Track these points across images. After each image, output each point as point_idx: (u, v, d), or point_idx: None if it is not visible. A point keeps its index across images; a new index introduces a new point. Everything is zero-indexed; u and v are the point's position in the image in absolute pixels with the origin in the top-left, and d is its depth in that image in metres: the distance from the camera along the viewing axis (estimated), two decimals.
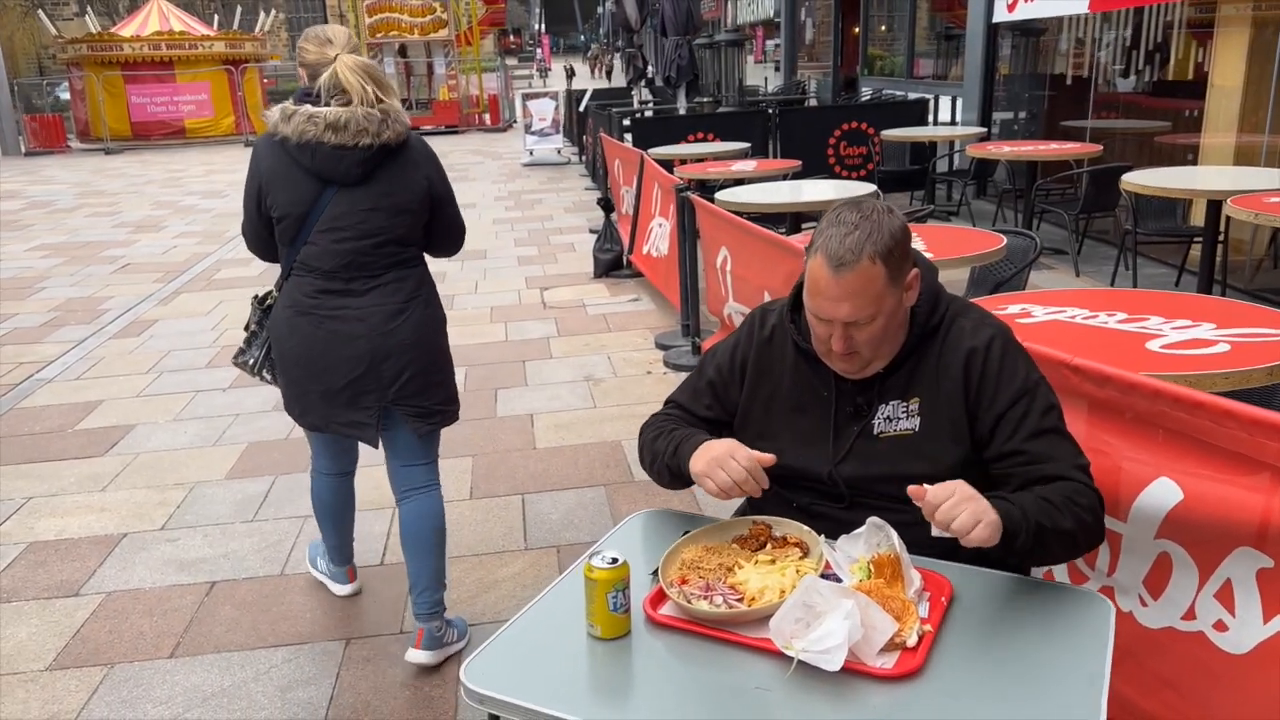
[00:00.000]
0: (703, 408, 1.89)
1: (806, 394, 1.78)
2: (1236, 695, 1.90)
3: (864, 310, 1.60)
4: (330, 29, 2.53)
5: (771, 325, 1.85)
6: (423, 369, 2.64)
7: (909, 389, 1.71)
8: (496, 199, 12.15)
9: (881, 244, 1.59)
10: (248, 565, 3.35)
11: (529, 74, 48.53)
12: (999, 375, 1.67)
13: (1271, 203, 4.32)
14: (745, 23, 21.35)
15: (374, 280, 2.52)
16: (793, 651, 1.35)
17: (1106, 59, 8.11)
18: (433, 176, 2.61)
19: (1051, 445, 1.63)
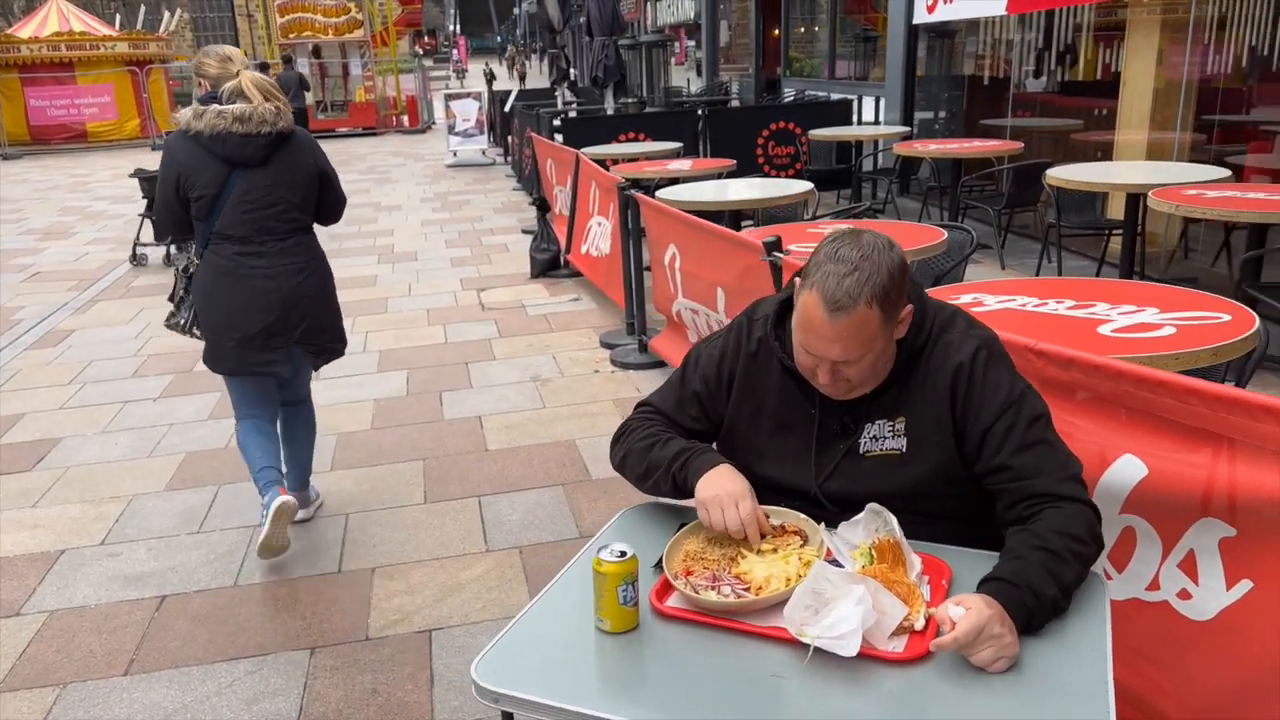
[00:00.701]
0: (689, 419, 1.85)
1: (792, 412, 1.76)
2: (1202, 660, 1.99)
3: (855, 351, 1.59)
4: (228, 48, 3.26)
5: (757, 339, 1.81)
6: (320, 315, 3.31)
7: (896, 408, 1.70)
8: (423, 200, 11.99)
9: (879, 286, 1.56)
10: (198, 577, 3.24)
11: (445, 75, 48.00)
12: (983, 389, 1.65)
13: (1190, 195, 4.52)
14: (665, 24, 21.45)
15: (280, 243, 3.17)
16: (808, 638, 1.36)
17: (1024, 59, 8.39)
18: (318, 157, 3.33)
19: (1040, 458, 1.61)
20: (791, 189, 5.35)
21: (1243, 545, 1.89)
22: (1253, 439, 1.82)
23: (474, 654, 2.68)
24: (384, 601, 3.04)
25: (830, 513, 1.70)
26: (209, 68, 3.16)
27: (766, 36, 15.28)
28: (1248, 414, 1.82)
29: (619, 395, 4.77)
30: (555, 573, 3.08)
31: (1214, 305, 2.75)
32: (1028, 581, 1.44)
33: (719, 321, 3.91)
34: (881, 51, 10.53)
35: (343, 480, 3.96)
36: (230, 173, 3.07)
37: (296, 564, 3.31)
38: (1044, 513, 1.55)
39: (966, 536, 1.68)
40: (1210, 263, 6.23)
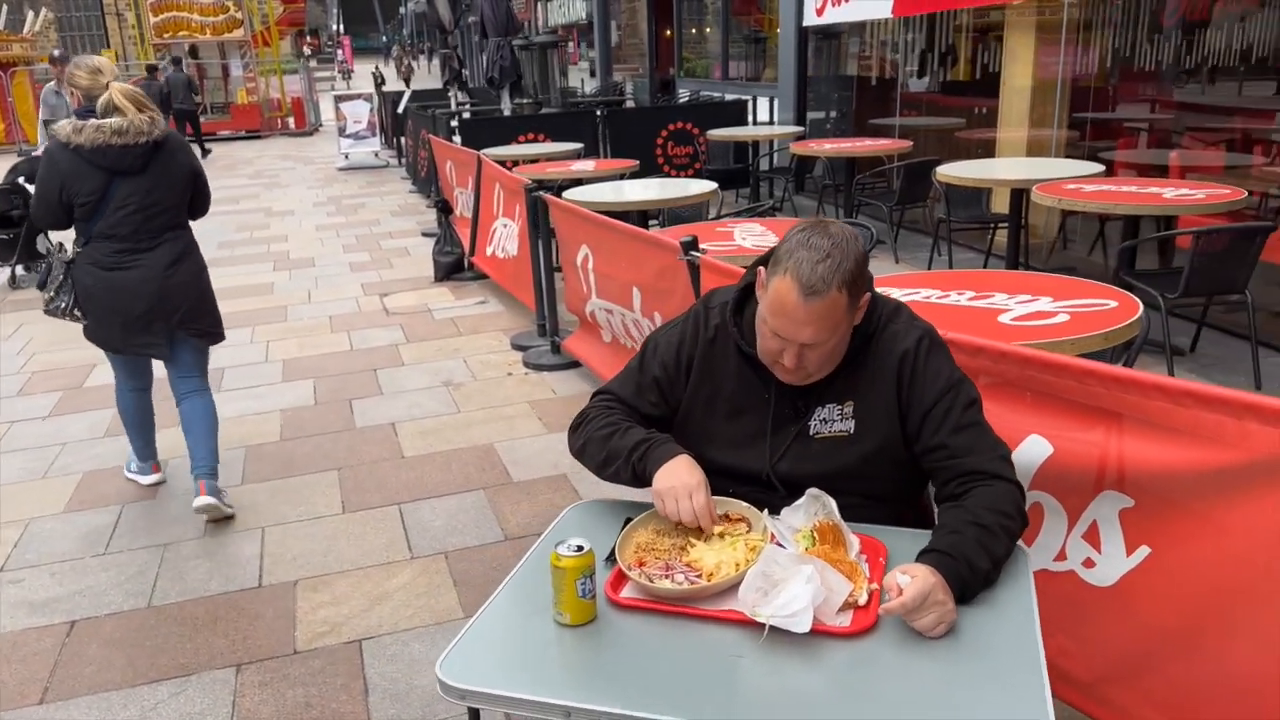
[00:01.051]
0: (648, 404, 1.90)
1: (748, 396, 1.83)
2: (1106, 624, 2.14)
3: (823, 335, 1.67)
4: (97, 60, 3.44)
5: (715, 326, 1.87)
6: (195, 302, 3.64)
7: (845, 393, 1.79)
8: (315, 205, 11.71)
9: (849, 273, 1.65)
10: (109, 600, 3.13)
11: (331, 75, 46.84)
12: (926, 375, 1.76)
13: (1070, 189, 4.80)
14: (557, 25, 21.44)
15: (156, 240, 3.49)
16: (762, 618, 1.43)
17: (910, 61, 8.72)
18: (190, 160, 3.61)
19: (973, 439, 1.73)
20: (696, 189, 5.45)
21: (1140, 514, 2.05)
22: (1146, 415, 1.97)
23: (407, 662, 2.70)
24: (310, 614, 2.99)
25: (779, 495, 1.78)
26: (80, 79, 3.36)
27: (659, 37, 15.44)
28: (1141, 392, 1.97)
29: (534, 397, 4.78)
30: (483, 577, 3.12)
31: (1101, 293, 2.94)
32: (963, 554, 1.54)
33: (635, 321, 3.97)
34: (773, 52, 10.78)
35: (256, 493, 3.87)
36: (111, 181, 3.36)
37: (213, 581, 3.22)
38: (975, 489, 1.67)
39: (899, 517, 1.79)
40: (1087, 253, 6.61)
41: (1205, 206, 4.44)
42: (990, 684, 1.35)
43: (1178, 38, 5.98)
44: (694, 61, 14.10)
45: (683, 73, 14.21)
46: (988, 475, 1.69)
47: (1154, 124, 6.41)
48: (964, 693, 1.34)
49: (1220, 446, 1.86)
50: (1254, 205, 5.40)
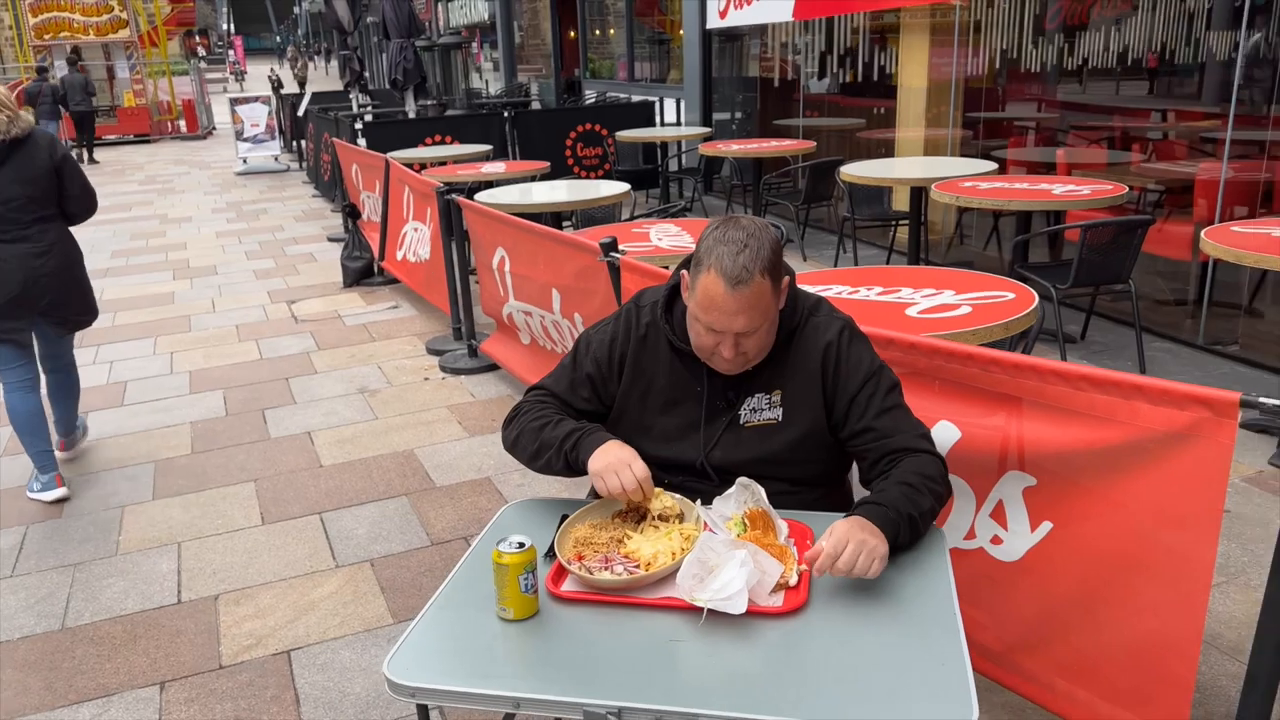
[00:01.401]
0: (581, 400, 1.96)
1: (680, 390, 1.90)
2: (1014, 596, 2.28)
3: (756, 321, 1.75)
4: None
5: (646, 324, 1.94)
6: (62, 291, 3.77)
7: (772, 383, 1.87)
8: (215, 211, 11.38)
9: (767, 259, 1.73)
10: (20, 623, 3.02)
11: (223, 77, 45.43)
12: (849, 363, 1.85)
13: (966, 187, 5.02)
14: (460, 25, 21.24)
15: (22, 231, 3.62)
16: (700, 602, 1.49)
17: (811, 63, 8.94)
18: (53, 155, 3.69)
19: (896, 420, 1.83)
20: (607, 190, 5.51)
21: (1043, 492, 2.18)
22: (1046, 399, 2.10)
23: (338, 670, 2.69)
24: (234, 628, 2.95)
25: (713, 484, 1.85)
26: None
27: (563, 38, 15.45)
28: (1041, 377, 2.10)
29: (453, 401, 4.77)
30: (411, 583, 3.13)
31: (999, 285, 3.10)
32: (889, 501, 1.68)
33: (554, 322, 4.01)
34: (678, 54, 10.92)
35: (169, 509, 3.78)
36: None
37: (129, 599, 3.14)
38: (901, 461, 1.79)
39: (824, 502, 1.88)
40: (983, 247, 6.90)
41: (1091, 202, 4.70)
42: (915, 654, 1.44)
43: (1060, 40, 6.29)
44: (599, 63, 14.17)
45: (588, 74, 14.26)
46: (911, 450, 1.80)
47: (1041, 123, 6.73)
48: (891, 662, 1.42)
49: (1113, 425, 2.00)
50: (1134, 200, 5.74)
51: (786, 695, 1.36)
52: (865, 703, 1.34)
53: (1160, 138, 5.91)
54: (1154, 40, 5.61)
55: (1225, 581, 2.95)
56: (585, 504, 1.84)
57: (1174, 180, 5.69)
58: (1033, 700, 2.30)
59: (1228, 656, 2.59)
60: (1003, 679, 2.34)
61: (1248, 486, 3.51)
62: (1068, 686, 2.21)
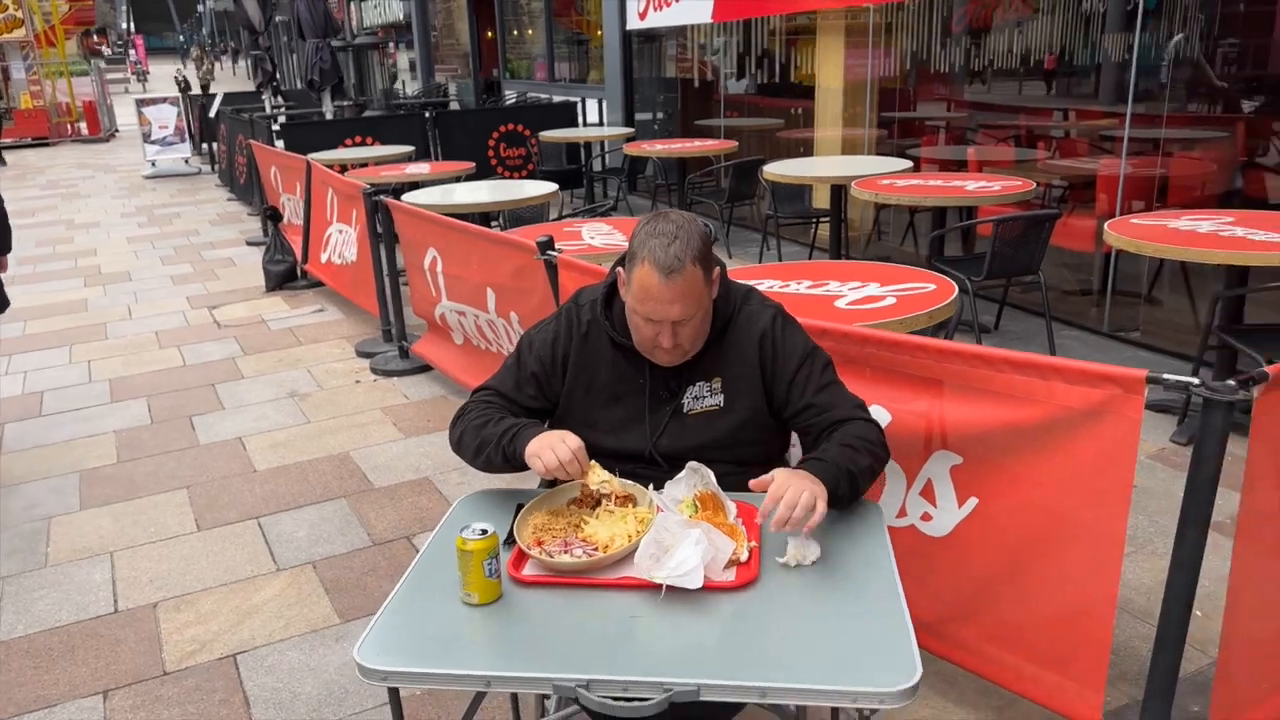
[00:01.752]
0: (527, 398, 2.01)
1: (624, 383, 1.98)
2: (944, 569, 2.41)
3: (691, 309, 1.83)
4: None
5: (587, 321, 2.01)
6: None
7: (712, 371, 1.96)
8: (124, 216, 11.04)
9: (697, 248, 1.83)
10: None
11: (124, 77, 43.89)
12: (785, 347, 1.96)
13: (884, 185, 5.21)
14: (375, 25, 20.94)
15: None
16: (659, 579, 1.56)
17: (731, 64, 9.11)
18: None
19: (833, 395, 1.94)
20: (532, 190, 5.55)
21: (968, 470, 2.32)
22: (970, 382, 2.24)
23: (287, 671, 2.70)
24: (175, 634, 2.92)
25: (662, 470, 1.93)
26: None
27: (481, 38, 15.38)
28: (964, 361, 2.24)
29: (386, 403, 4.76)
30: (355, 583, 3.14)
31: (920, 277, 3.25)
32: (829, 456, 1.79)
33: (489, 321, 4.04)
34: (597, 55, 10.99)
35: (99, 519, 3.70)
36: None
37: (63, 611, 3.08)
38: (839, 429, 1.90)
39: None
40: (900, 242, 7.14)
41: (1001, 197, 4.92)
42: (861, 621, 1.54)
43: (966, 42, 6.55)
44: (517, 63, 14.15)
45: (507, 74, 14.22)
46: (850, 419, 1.92)
47: (952, 122, 7.00)
48: (839, 630, 1.52)
49: (1032, 405, 2.14)
50: (1041, 195, 6.01)
51: (742, 662, 1.44)
52: (816, 668, 1.43)
53: (1064, 136, 6.21)
54: (1054, 43, 5.89)
55: (1134, 551, 3.14)
56: (539, 493, 1.90)
57: (1078, 176, 5.98)
58: (965, 667, 2.43)
59: (1138, 620, 2.77)
60: (936, 649, 2.47)
61: (1152, 463, 3.73)
62: (996, 652, 2.35)
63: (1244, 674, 2.08)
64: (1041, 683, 2.25)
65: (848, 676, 1.41)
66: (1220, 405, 1.84)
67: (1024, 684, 2.29)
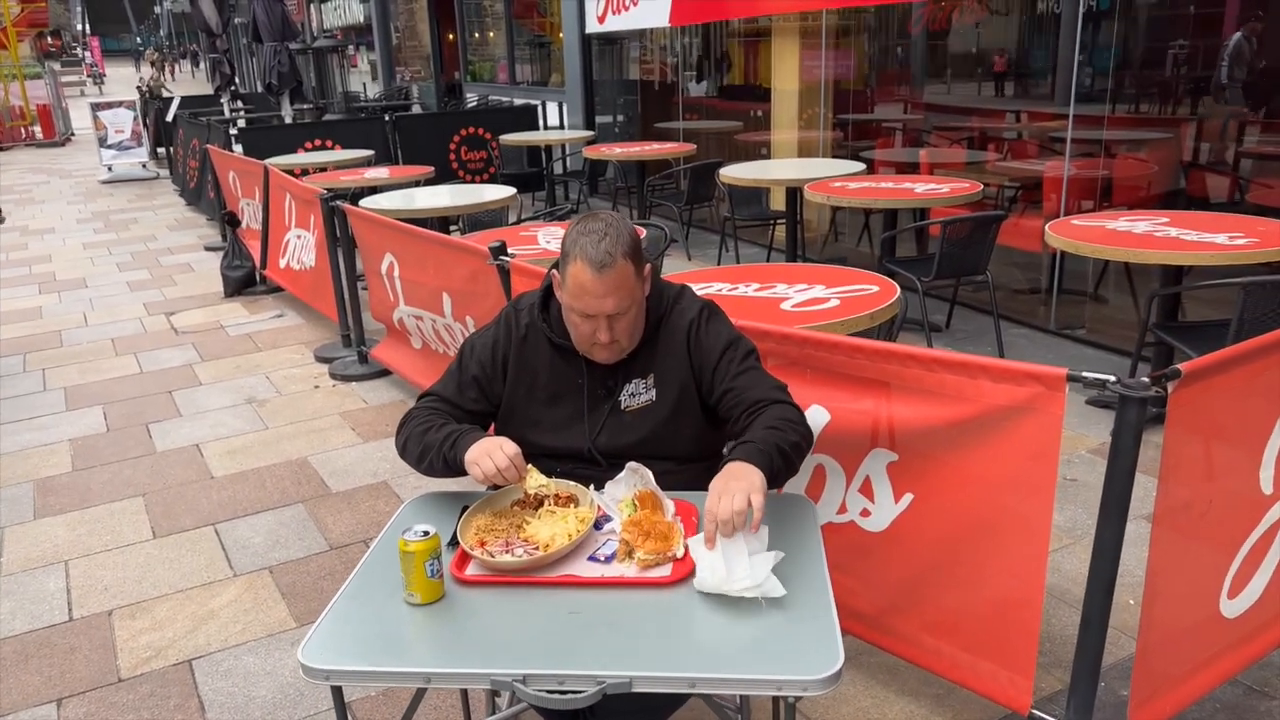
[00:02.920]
0: (470, 401, 2.07)
1: (563, 383, 2.04)
2: (882, 563, 2.49)
3: (624, 302, 1.90)
4: None
5: (525, 325, 2.07)
6: None
7: (647, 368, 2.04)
8: (80, 221, 10.92)
9: (626, 244, 1.90)
10: None
11: (80, 80, 43.22)
12: (709, 337, 2.04)
13: (837, 187, 5.30)
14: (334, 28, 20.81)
15: None
16: (741, 593, 1.61)
17: (689, 67, 9.18)
18: None
19: (753, 380, 2.00)
20: (492, 194, 5.59)
21: (904, 466, 2.39)
22: (904, 381, 2.32)
23: (242, 675, 2.74)
24: (130, 641, 2.93)
25: (601, 468, 1.99)
26: None
27: (442, 41, 15.35)
28: (899, 362, 2.31)
29: (345, 408, 4.77)
30: (312, 588, 3.17)
31: (864, 279, 3.34)
32: (756, 437, 1.83)
33: (446, 326, 4.07)
34: (558, 57, 11.03)
35: (53, 527, 3.69)
36: None
37: (16, 620, 3.08)
38: (760, 413, 1.94)
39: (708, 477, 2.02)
40: (856, 243, 7.25)
41: (950, 199, 5.03)
42: (789, 613, 1.60)
43: (922, 45, 6.68)
44: (479, 65, 14.15)
45: (469, 77, 14.22)
46: (768, 401, 1.96)
47: (906, 125, 7.12)
48: (769, 623, 1.58)
49: (962, 403, 2.22)
50: (992, 196, 6.15)
51: (674, 654, 1.51)
52: (744, 658, 1.49)
53: (1014, 138, 6.34)
54: (1007, 45, 6.02)
55: (1073, 543, 3.25)
56: (483, 495, 1.95)
57: (1025, 177, 6.12)
58: (904, 658, 2.51)
59: (1074, 609, 2.87)
60: (877, 640, 2.55)
61: (1093, 457, 3.85)
62: (934, 642, 2.43)
63: (1162, 656, 2.18)
64: (976, 670, 2.34)
65: (774, 666, 1.47)
66: (1134, 401, 1.93)
67: (960, 672, 2.37)
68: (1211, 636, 2.30)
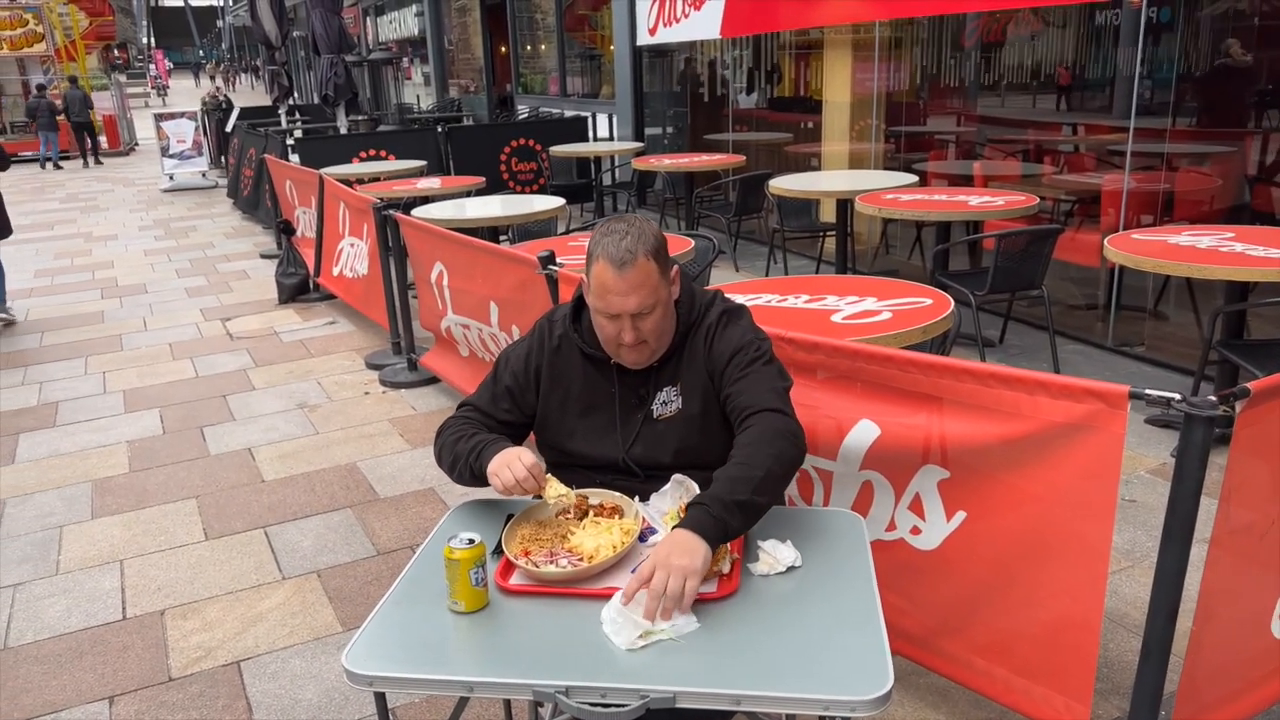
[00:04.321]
0: (502, 411, 2.07)
1: (595, 393, 2.04)
2: (933, 583, 2.43)
3: (647, 300, 1.89)
4: None
5: (558, 335, 2.08)
6: None
7: (675, 376, 2.02)
8: (141, 229, 11.19)
9: (649, 244, 1.90)
10: None
11: (144, 92, 44.43)
12: (721, 342, 2.00)
13: (889, 199, 5.24)
14: (389, 40, 21.16)
15: None
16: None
17: (740, 79, 9.17)
18: None
19: (751, 382, 1.92)
20: (542, 204, 5.61)
21: (956, 483, 2.34)
22: (958, 396, 2.27)
23: (289, 678, 2.75)
24: (181, 641, 2.97)
25: (638, 479, 1.98)
26: None
27: (495, 53, 15.52)
28: (953, 376, 2.27)
29: (394, 415, 4.81)
30: (359, 593, 3.19)
31: (917, 292, 3.28)
32: (718, 490, 1.71)
33: (492, 335, 4.09)
34: (609, 70, 11.08)
35: (110, 527, 3.77)
36: None
37: (72, 617, 3.14)
38: (745, 427, 1.87)
39: None
40: (907, 256, 7.16)
41: (1005, 212, 4.95)
42: (837, 633, 1.57)
43: (977, 56, 6.59)
44: (531, 77, 14.27)
45: (520, 89, 14.34)
46: (753, 410, 1.88)
47: (959, 137, 7.03)
48: (816, 641, 1.55)
49: (1018, 419, 2.17)
50: (1047, 209, 6.03)
51: (719, 671, 1.48)
52: (790, 677, 1.46)
53: (1071, 150, 6.23)
54: (1064, 57, 5.91)
55: (1131, 566, 3.16)
56: (529, 504, 1.94)
57: (1083, 191, 6.00)
58: (955, 680, 2.45)
59: (1133, 634, 2.79)
60: (927, 661, 2.49)
61: (1152, 478, 3.74)
62: (985, 665, 2.37)
63: (1210, 677, 2.11)
64: (1030, 695, 2.27)
65: (821, 685, 1.44)
66: (1201, 420, 1.86)
67: (1013, 696, 2.31)
68: (1262, 658, 2.22)
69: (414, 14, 18.91)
